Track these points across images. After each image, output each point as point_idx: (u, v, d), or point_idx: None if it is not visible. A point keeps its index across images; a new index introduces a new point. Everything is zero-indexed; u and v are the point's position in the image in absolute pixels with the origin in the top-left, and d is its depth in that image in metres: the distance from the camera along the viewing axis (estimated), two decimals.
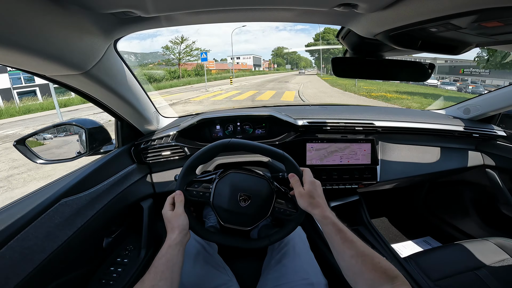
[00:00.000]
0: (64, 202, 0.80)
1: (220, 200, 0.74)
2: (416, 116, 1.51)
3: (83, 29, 0.60)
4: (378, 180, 1.33)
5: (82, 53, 0.64)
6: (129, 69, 0.94)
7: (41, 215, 0.73)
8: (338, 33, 0.86)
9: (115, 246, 1.09)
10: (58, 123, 1.10)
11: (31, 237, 0.69)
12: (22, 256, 0.66)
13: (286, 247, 0.91)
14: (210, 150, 0.78)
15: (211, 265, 0.86)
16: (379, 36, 0.67)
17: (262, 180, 0.78)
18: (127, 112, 1.04)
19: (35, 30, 0.49)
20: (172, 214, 0.70)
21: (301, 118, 1.33)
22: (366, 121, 1.35)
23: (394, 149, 1.41)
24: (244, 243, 0.77)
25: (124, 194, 1.07)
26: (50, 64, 0.58)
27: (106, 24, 0.64)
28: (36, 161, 1.03)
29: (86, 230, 0.86)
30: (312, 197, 0.68)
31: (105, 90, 0.82)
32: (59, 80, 0.70)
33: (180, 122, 1.34)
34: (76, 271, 0.87)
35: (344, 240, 0.59)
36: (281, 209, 0.77)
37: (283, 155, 0.78)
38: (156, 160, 1.23)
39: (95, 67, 0.71)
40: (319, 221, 0.65)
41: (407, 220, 1.97)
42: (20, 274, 0.64)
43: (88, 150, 1.08)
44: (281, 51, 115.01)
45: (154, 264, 0.61)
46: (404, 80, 0.99)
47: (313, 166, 1.30)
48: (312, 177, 0.74)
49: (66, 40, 0.57)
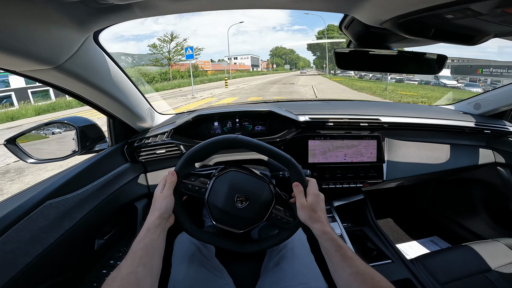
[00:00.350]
0: (48, 204, 0.77)
1: (216, 198, 0.70)
2: (424, 111, 1.45)
3: (50, 20, 0.54)
4: (384, 179, 1.27)
5: (51, 46, 0.59)
6: (116, 63, 0.88)
7: (24, 218, 0.70)
8: (340, 22, 0.80)
9: (108, 248, 1.06)
10: (49, 121, 1.05)
11: (13, 240, 0.66)
12: (4, 260, 0.63)
13: (285, 249, 0.88)
14: (214, 144, 0.74)
15: (207, 268, 0.82)
16: (387, 24, 0.61)
17: (264, 183, 0.73)
18: (116, 108, 0.99)
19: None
20: (159, 195, 0.66)
21: (303, 114, 1.28)
22: (371, 116, 1.28)
23: (401, 146, 1.35)
24: (234, 246, 0.73)
25: (117, 194, 1.03)
26: (16, 59, 0.53)
27: (79, 15, 0.59)
28: (27, 160, 1.00)
29: (75, 232, 0.82)
30: (314, 210, 0.65)
31: (84, 85, 0.77)
32: (31, 75, 0.65)
33: (176, 119, 1.28)
34: (64, 274, 0.84)
35: (344, 257, 0.56)
36: (278, 216, 0.72)
37: (290, 160, 0.73)
38: (151, 159, 1.18)
39: (69, 60, 0.65)
40: (318, 236, 0.62)
41: (413, 219, 1.91)
42: (2, 279, 0.62)
43: (80, 148, 1.04)
44: (279, 51, 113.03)
45: (132, 249, 0.57)
46: (412, 73, 0.93)
47: (316, 164, 1.25)
48: (317, 190, 0.70)
49: (31, 33, 0.52)
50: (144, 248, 0.57)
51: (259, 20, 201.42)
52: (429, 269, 1.01)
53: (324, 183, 1.26)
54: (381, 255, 1.18)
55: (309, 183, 0.72)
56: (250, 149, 0.74)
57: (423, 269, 1.02)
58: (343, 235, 1.26)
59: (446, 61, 0.82)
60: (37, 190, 0.79)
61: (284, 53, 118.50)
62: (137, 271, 0.53)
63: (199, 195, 0.71)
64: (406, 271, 1.05)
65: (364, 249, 1.27)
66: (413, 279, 1.00)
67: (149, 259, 0.56)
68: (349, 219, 1.49)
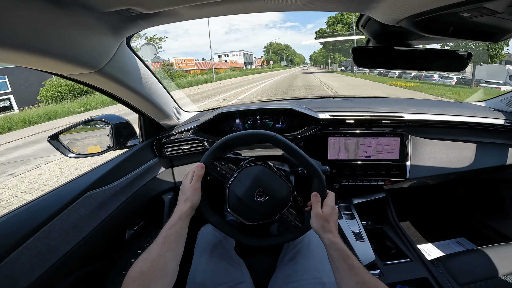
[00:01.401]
0: (89, 195, 0.84)
1: (237, 187, 0.73)
2: (452, 108, 1.39)
3: (91, 28, 0.62)
4: (407, 177, 1.25)
5: (93, 52, 0.66)
6: (145, 65, 0.95)
7: (67, 208, 0.77)
8: (357, 21, 0.80)
9: (137, 239, 1.13)
10: (88, 119, 1.15)
11: (57, 229, 0.73)
12: (48, 247, 0.70)
13: (301, 244, 0.90)
14: (251, 136, 0.78)
15: (226, 261, 0.86)
16: (403, 22, 0.61)
17: (286, 185, 0.75)
18: (147, 107, 1.07)
19: (47, 34, 0.51)
20: (189, 186, 0.70)
21: (323, 111, 1.28)
22: (394, 113, 1.26)
23: (426, 144, 1.31)
24: (241, 237, 0.76)
25: (146, 187, 1.11)
26: (65, 64, 0.60)
27: (114, 22, 0.66)
28: (68, 155, 1.09)
29: (109, 223, 0.89)
30: (327, 221, 0.67)
31: (121, 86, 0.84)
32: (76, 78, 0.72)
33: (200, 116, 1.35)
34: (98, 262, 0.91)
35: (351, 266, 0.58)
36: (289, 219, 0.75)
37: (318, 172, 0.75)
38: (177, 154, 1.25)
39: (108, 64, 0.72)
40: (327, 245, 0.64)
41: (438, 219, 1.85)
42: (45, 264, 0.68)
43: (114, 144, 1.14)
44: (274, 47, 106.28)
45: (162, 233, 0.61)
46: (437, 70, 0.91)
47: (335, 161, 1.25)
48: (333, 203, 0.73)
49: (76, 40, 0.59)
50: (175, 234, 0.62)
51: (251, 18, 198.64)
52: (449, 269, 0.99)
53: (343, 180, 1.27)
54: (400, 254, 1.17)
55: (328, 195, 0.74)
56: (283, 149, 0.77)
57: (442, 269, 1.00)
58: (361, 233, 1.26)
59: (471, 58, 0.80)
60: (79, 181, 0.87)
61: (280, 49, 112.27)
62: (165, 255, 0.58)
63: (223, 179, 0.75)
64: (424, 270, 1.03)
65: (382, 248, 1.26)
66: (431, 279, 0.98)
67: (177, 245, 0.61)
68: (369, 217, 1.48)
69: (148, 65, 0.98)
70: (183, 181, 0.73)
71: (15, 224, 0.68)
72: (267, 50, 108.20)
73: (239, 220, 0.74)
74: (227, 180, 0.74)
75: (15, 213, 0.70)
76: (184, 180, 0.73)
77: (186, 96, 10.82)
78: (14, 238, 0.64)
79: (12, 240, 0.64)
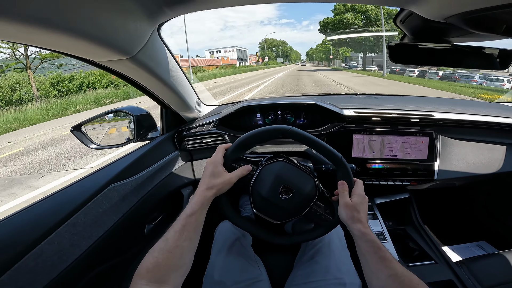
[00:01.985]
0: (112, 188, 0.82)
1: (260, 186, 0.69)
2: (483, 108, 1.32)
3: (127, 12, 0.58)
4: (435, 178, 1.20)
5: (128, 37, 0.62)
6: (172, 56, 0.93)
7: (91, 201, 0.75)
8: (395, 16, 0.76)
9: (156, 233, 1.12)
10: (110, 110, 1.14)
11: (80, 223, 0.71)
12: (70, 243, 0.67)
13: (321, 243, 0.87)
14: (267, 132, 0.74)
15: (244, 258, 0.85)
16: (452, 19, 0.56)
17: (309, 177, 0.72)
18: (171, 99, 1.05)
19: (83, 13, 0.48)
20: (223, 174, 0.65)
21: (348, 108, 1.24)
22: (424, 112, 1.21)
23: (455, 145, 1.25)
24: (267, 236, 0.73)
25: (166, 180, 1.09)
26: (98, 49, 0.57)
27: (149, 6, 0.62)
28: (90, 145, 1.09)
29: (130, 217, 0.88)
30: (357, 211, 0.63)
31: (150, 75, 0.82)
32: (107, 65, 0.70)
33: (221, 110, 1.33)
34: (118, 257, 0.89)
35: (383, 259, 0.54)
36: (318, 212, 0.71)
37: (341, 160, 0.71)
38: (197, 147, 1.24)
39: (141, 52, 0.69)
40: (356, 236, 0.61)
41: (459, 221, 1.78)
42: (67, 260, 0.66)
43: (136, 136, 1.13)
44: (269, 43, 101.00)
45: (180, 221, 0.56)
46: (476, 68, 0.85)
47: (359, 160, 1.21)
48: (363, 191, 0.69)
49: (112, 24, 0.56)
50: (195, 223, 0.57)
51: (246, 14, 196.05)
52: (474, 272, 0.97)
53: (367, 179, 1.23)
54: (424, 256, 1.13)
55: (355, 183, 0.70)
56: (302, 142, 0.73)
57: (467, 272, 0.98)
58: (384, 233, 1.22)
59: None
60: (103, 174, 0.85)
61: (275, 45, 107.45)
62: (183, 245, 0.54)
63: (244, 181, 0.71)
64: (449, 272, 1.01)
65: (405, 249, 1.22)
66: (456, 281, 0.96)
67: (195, 234, 0.57)
68: (390, 217, 1.44)
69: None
70: (213, 160, 0.67)
71: (38, 217, 0.65)
72: (262, 46, 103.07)
73: (267, 219, 0.71)
74: (249, 182, 0.71)
75: (37, 205, 0.68)
76: (215, 160, 0.67)
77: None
78: (37, 232, 0.62)
79: (35, 235, 0.61)
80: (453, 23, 0.59)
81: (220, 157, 0.68)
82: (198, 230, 0.58)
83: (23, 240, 0.59)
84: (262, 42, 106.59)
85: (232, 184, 0.66)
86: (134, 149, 1.05)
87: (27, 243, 0.59)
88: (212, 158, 0.68)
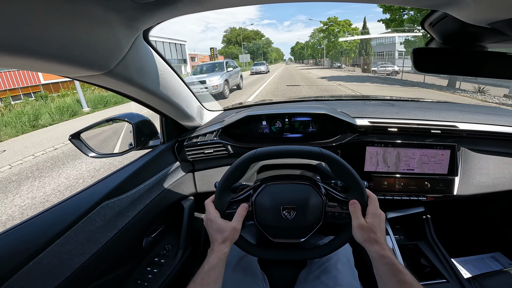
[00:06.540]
0: (105, 205, 0.79)
1: (263, 217, 0.68)
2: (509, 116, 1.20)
3: (98, 21, 0.49)
4: (455, 194, 1.10)
5: (101, 50, 0.54)
6: (166, 62, 0.84)
7: (82, 219, 0.72)
8: (424, 19, 0.66)
9: (155, 245, 1.08)
10: (109, 117, 1.09)
11: (71, 241, 0.68)
12: (60, 261, 0.65)
13: (328, 263, 0.84)
14: (238, 167, 0.70)
15: (249, 276, 0.83)
16: (499, 24, 0.48)
17: (305, 186, 0.69)
18: (168, 108, 0.97)
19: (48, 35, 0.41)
20: (231, 227, 0.64)
21: (361, 117, 1.15)
22: (446, 123, 1.10)
23: (478, 158, 1.14)
24: (295, 255, 0.73)
25: (166, 193, 1.05)
26: (67, 68, 0.50)
27: (126, 12, 0.53)
28: (89, 154, 1.05)
29: (127, 231, 0.84)
30: (374, 232, 0.59)
31: (136, 88, 0.73)
32: (84, 80, 0.62)
33: (225, 117, 1.26)
34: (114, 272, 0.86)
35: (403, 282, 0.52)
36: (335, 213, 0.67)
37: (348, 169, 0.67)
38: (199, 158, 1.18)
39: (121, 64, 0.60)
40: (374, 259, 0.58)
41: (473, 232, 1.67)
42: (58, 279, 0.64)
43: (135, 144, 1.08)
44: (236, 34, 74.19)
45: (200, 275, 0.58)
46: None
47: (372, 173, 1.13)
48: (378, 209, 0.64)
49: (79, 38, 0.47)
50: (214, 275, 0.58)
51: (228, 16, 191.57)
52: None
53: (380, 194, 1.14)
54: (435, 273, 1.06)
55: (370, 201, 0.65)
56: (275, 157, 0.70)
57: None
58: (395, 249, 1.15)
59: None
60: (95, 190, 0.81)
61: (246, 37, 79.52)
62: None
63: (248, 220, 0.70)
64: None
65: (415, 265, 1.15)
66: None
67: (215, 285, 0.58)
68: (402, 231, 1.35)
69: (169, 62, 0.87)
70: (212, 218, 0.66)
71: (26, 236, 0.63)
72: (226, 40, 74.95)
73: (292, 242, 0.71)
74: (252, 218, 0.70)
75: (25, 225, 0.65)
76: (213, 217, 0.66)
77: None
78: (25, 252, 0.60)
79: (23, 255, 0.59)
80: (498, 28, 0.52)
81: (213, 212, 0.67)
82: (218, 282, 0.60)
83: (10, 260, 0.57)
84: (227, 34, 76.53)
85: (240, 230, 0.66)
86: (132, 161, 1.01)
87: (13, 263, 0.57)
88: (206, 216, 0.68)
